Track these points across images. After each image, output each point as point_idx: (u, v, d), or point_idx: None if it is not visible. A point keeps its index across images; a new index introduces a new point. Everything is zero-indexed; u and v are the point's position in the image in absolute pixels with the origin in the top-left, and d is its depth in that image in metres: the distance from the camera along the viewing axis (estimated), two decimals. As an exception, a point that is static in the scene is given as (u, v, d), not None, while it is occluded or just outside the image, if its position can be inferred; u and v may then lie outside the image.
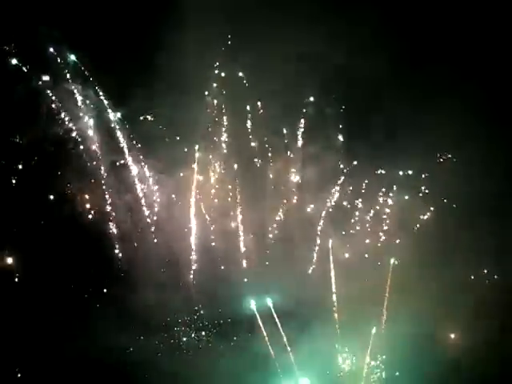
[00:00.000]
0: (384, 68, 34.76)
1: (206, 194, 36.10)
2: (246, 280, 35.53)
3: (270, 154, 36.96)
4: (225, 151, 36.32)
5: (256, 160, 36.81)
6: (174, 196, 35.47)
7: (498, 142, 35.22)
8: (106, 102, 33.50)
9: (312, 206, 37.19)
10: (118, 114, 33.86)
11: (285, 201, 37.29)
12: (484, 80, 34.71)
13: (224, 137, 36.27)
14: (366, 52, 34.47)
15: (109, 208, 33.98)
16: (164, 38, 32.37)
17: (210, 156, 36.18)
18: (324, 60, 34.07)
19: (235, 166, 36.35)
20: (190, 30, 32.06)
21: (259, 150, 36.80)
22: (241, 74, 35.31)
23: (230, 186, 36.34)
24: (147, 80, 33.41)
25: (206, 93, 35.47)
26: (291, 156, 37.22)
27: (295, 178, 37.42)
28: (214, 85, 35.39)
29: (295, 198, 37.36)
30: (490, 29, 34.88)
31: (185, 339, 34.74)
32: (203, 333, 35.06)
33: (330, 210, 37.25)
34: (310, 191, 36.86)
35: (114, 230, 34.04)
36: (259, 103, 36.10)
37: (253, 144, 36.64)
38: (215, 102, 35.83)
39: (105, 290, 33.74)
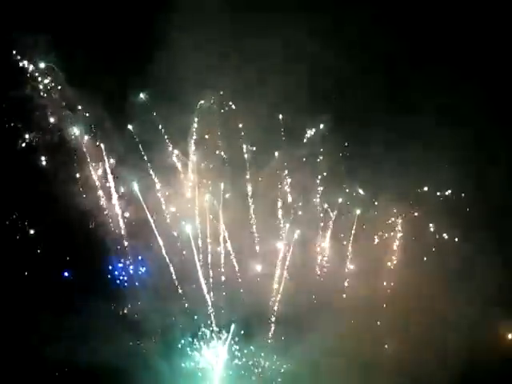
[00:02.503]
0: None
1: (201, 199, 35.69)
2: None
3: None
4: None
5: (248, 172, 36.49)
6: (168, 201, 35.03)
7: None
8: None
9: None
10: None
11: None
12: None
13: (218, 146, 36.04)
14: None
15: (103, 212, 33.63)
16: (161, 42, 31.89)
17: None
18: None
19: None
20: (188, 35, 31.78)
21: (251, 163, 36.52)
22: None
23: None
24: (143, 84, 33.41)
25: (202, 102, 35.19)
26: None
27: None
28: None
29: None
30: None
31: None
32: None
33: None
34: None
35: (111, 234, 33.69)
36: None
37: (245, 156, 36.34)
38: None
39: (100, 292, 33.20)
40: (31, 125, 32.17)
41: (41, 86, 31.88)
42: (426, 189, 37.56)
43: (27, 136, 32.29)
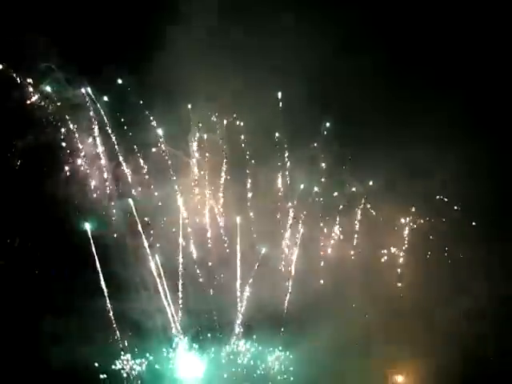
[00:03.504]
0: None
1: (200, 200, 36.25)
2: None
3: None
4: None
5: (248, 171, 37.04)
6: (167, 201, 35.29)
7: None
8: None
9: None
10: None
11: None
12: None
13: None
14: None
15: (102, 212, 33.82)
16: (161, 43, 32.40)
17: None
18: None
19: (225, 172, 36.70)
20: (188, 39, 32.27)
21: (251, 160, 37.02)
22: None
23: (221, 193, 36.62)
24: (143, 86, 33.83)
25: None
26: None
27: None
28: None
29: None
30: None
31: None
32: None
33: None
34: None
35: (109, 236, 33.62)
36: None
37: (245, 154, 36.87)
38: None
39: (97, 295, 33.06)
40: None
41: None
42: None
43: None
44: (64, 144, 33.26)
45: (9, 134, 32.13)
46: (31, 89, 32.05)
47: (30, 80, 31.85)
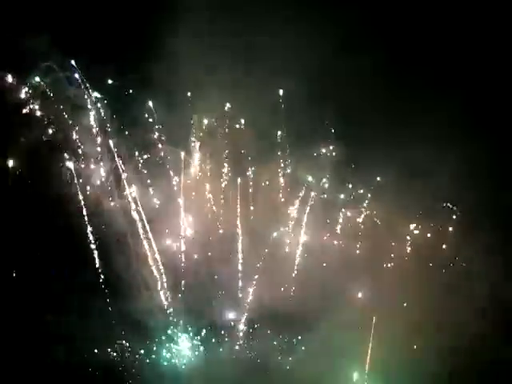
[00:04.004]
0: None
1: (199, 198, 36.31)
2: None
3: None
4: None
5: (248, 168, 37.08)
6: (166, 201, 35.41)
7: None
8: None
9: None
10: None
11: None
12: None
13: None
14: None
15: (102, 211, 33.82)
16: (162, 45, 32.46)
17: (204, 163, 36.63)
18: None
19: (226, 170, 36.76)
20: (188, 39, 32.26)
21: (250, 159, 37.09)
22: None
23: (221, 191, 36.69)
24: (144, 86, 34.14)
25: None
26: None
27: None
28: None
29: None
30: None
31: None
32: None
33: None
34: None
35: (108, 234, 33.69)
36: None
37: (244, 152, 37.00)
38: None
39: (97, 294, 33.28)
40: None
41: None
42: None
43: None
44: (64, 143, 33.38)
45: (8, 134, 32.29)
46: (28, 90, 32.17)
47: (28, 80, 32.06)
